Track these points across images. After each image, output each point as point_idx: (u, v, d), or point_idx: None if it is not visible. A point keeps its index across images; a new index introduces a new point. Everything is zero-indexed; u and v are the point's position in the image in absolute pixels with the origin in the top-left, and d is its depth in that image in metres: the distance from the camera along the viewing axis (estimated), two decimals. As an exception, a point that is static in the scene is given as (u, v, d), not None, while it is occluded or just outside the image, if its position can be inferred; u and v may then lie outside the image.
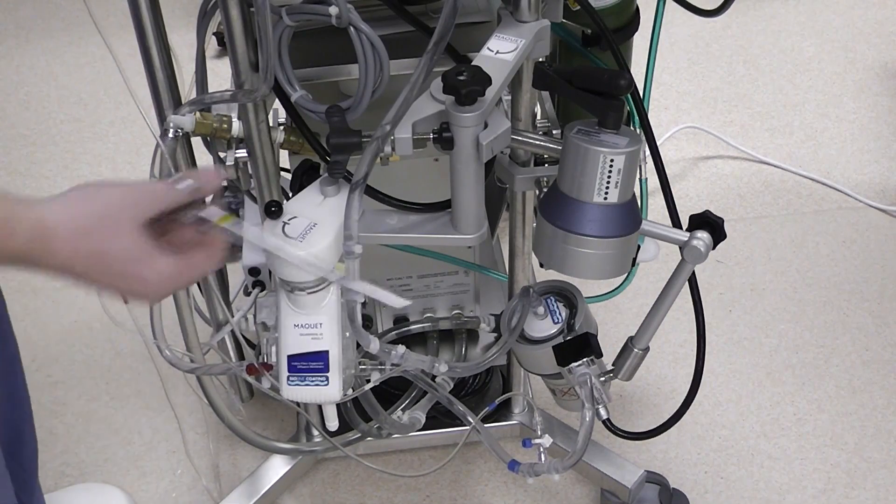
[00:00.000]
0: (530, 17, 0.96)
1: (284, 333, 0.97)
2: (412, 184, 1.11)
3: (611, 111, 0.89)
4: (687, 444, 1.55)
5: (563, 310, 1.10)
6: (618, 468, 1.42)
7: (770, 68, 2.34)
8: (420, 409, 1.32)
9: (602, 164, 0.88)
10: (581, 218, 0.91)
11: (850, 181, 2.02)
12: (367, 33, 0.93)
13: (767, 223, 1.93)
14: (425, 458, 1.54)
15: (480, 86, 0.87)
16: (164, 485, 1.52)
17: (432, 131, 0.91)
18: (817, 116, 2.19)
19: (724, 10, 1.13)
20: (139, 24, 1.01)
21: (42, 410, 1.63)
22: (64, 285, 1.90)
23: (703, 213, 0.97)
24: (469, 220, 0.97)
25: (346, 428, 1.27)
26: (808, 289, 1.79)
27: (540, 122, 1.16)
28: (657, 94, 2.23)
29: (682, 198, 1.98)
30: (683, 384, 1.13)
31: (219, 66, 2.21)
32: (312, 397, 0.98)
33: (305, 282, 0.94)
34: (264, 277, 1.31)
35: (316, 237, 0.92)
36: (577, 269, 0.94)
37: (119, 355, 1.71)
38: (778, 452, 1.54)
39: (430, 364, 1.00)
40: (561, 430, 1.46)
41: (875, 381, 1.64)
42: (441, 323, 1.37)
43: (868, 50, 2.38)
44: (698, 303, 1.08)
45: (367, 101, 0.97)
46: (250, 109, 1.03)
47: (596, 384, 1.06)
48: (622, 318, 1.70)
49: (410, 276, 1.32)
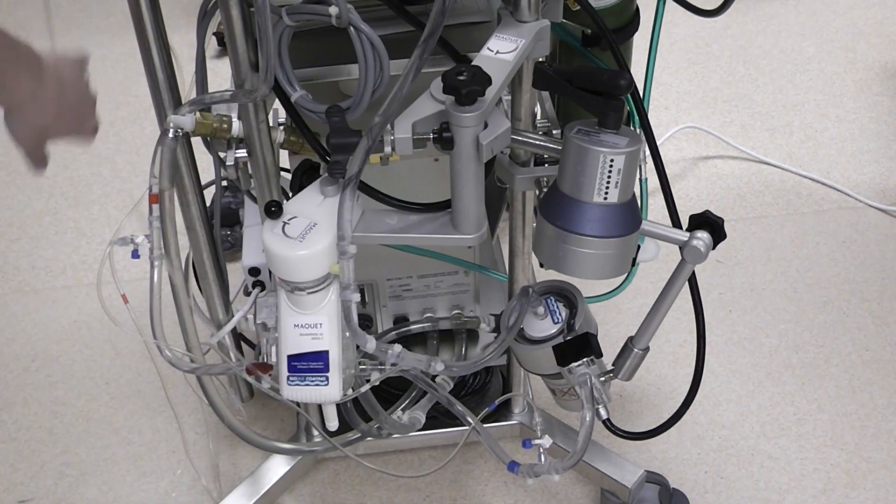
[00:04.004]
0: (530, 17, 0.96)
1: (284, 333, 0.97)
2: (412, 184, 1.11)
3: (611, 111, 0.89)
4: (687, 444, 1.55)
5: (563, 310, 1.10)
6: (618, 468, 1.42)
7: (770, 68, 2.34)
8: (420, 409, 1.32)
9: (602, 164, 0.88)
10: (581, 218, 0.91)
11: (850, 181, 2.02)
12: (367, 33, 0.93)
13: (767, 223, 1.93)
14: (425, 458, 1.54)
15: (480, 86, 0.87)
16: (164, 485, 1.52)
17: (432, 131, 0.91)
18: (817, 116, 2.19)
19: (724, 10, 1.13)
20: (139, 24, 1.01)
21: (42, 410, 1.63)
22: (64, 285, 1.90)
23: (703, 213, 0.97)
24: (469, 220, 0.97)
25: (347, 428, 1.27)
26: (808, 289, 1.79)
27: (540, 122, 1.16)
28: (657, 94, 2.23)
29: (682, 198, 1.98)
30: (683, 384, 1.13)
31: (219, 66, 2.21)
32: (312, 397, 0.99)
33: (306, 282, 0.94)
34: (264, 277, 1.31)
35: (316, 237, 0.92)
36: (577, 269, 0.94)
37: (119, 355, 1.71)
38: (778, 452, 1.54)
39: (427, 363, 1.00)
40: (561, 430, 1.46)
41: (875, 381, 1.64)
42: (441, 323, 1.37)
43: (868, 50, 2.38)
44: (698, 303, 1.08)
45: (367, 101, 0.97)
46: (250, 109, 1.03)
47: (596, 384, 1.06)
48: (622, 318, 1.70)
49: (410, 276, 1.32)
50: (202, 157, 1.18)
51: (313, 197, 0.97)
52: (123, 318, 1.09)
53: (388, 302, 1.35)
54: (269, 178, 1.09)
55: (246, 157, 1.08)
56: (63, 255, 1.91)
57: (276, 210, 0.93)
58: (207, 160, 1.20)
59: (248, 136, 1.06)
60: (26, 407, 1.64)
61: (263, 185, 1.10)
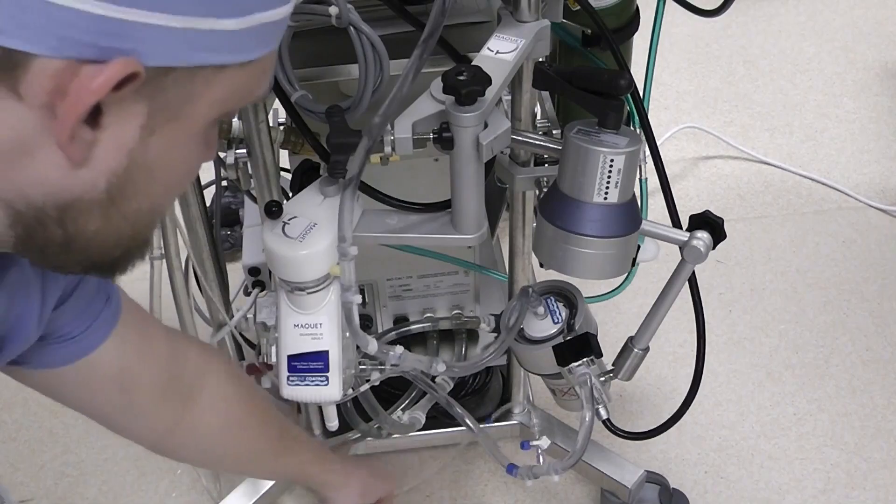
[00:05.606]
0: (530, 17, 0.96)
1: (284, 333, 0.97)
2: (412, 184, 1.11)
3: (611, 111, 0.89)
4: (687, 444, 1.55)
5: (563, 310, 1.10)
6: (618, 468, 1.42)
7: (770, 68, 2.34)
8: (420, 409, 1.32)
9: (602, 164, 0.88)
10: (581, 218, 0.91)
11: (850, 181, 2.02)
12: (367, 33, 0.93)
13: (767, 223, 1.93)
14: (425, 459, 1.54)
15: (480, 86, 0.87)
16: (165, 485, 1.52)
17: (432, 131, 0.90)
18: (817, 116, 2.19)
19: (724, 10, 1.12)
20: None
21: (42, 410, 1.63)
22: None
23: (703, 213, 0.97)
24: (469, 220, 0.97)
25: (347, 428, 1.27)
26: (808, 289, 1.79)
27: (540, 122, 1.16)
28: (657, 94, 2.23)
29: (682, 198, 1.98)
30: (683, 384, 1.13)
31: (219, 66, 2.21)
32: (312, 397, 0.98)
33: (306, 282, 0.94)
34: (264, 277, 1.31)
35: (316, 237, 0.92)
36: (577, 269, 0.94)
37: (119, 355, 1.70)
38: (778, 452, 1.54)
39: (428, 364, 1.00)
40: (561, 430, 1.46)
41: (875, 381, 1.64)
42: (441, 323, 1.37)
43: (868, 50, 2.38)
44: (698, 303, 1.08)
45: (367, 101, 0.97)
46: (250, 109, 1.03)
47: (596, 384, 1.05)
48: (622, 318, 1.70)
49: (410, 276, 1.32)
50: (202, 157, 1.18)
51: (313, 197, 0.96)
52: (123, 318, 1.09)
53: (388, 302, 1.35)
54: (269, 178, 1.09)
55: (246, 157, 1.08)
56: (63, 255, 1.91)
57: (276, 210, 0.93)
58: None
59: (248, 136, 1.06)
60: (26, 407, 1.64)
61: (263, 185, 1.10)
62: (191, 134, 0.60)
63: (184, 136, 0.59)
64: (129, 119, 0.55)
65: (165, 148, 0.58)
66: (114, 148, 0.55)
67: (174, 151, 0.59)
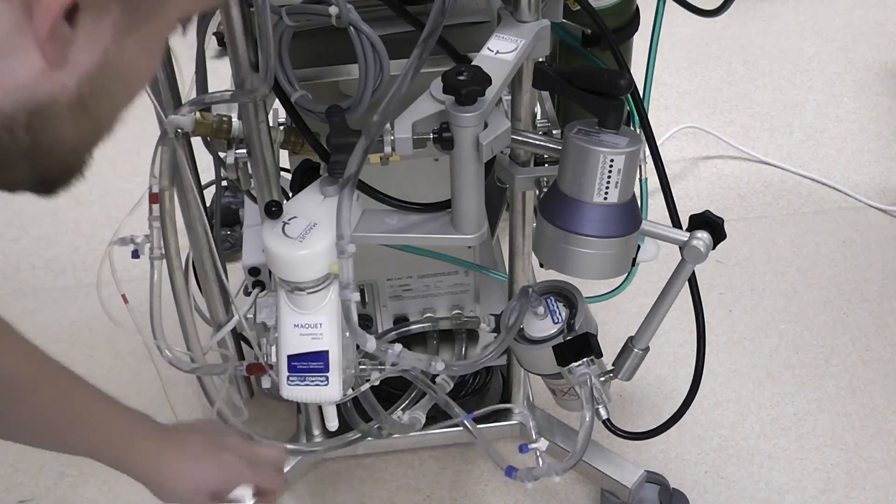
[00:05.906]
0: (530, 17, 0.96)
1: (284, 333, 0.97)
2: (412, 184, 1.11)
3: (611, 111, 0.89)
4: (687, 444, 1.55)
5: (563, 310, 1.10)
6: (618, 468, 1.42)
7: (770, 68, 2.34)
8: (420, 409, 1.32)
9: (602, 164, 0.88)
10: (581, 218, 0.91)
11: (850, 181, 2.02)
12: (367, 33, 0.93)
13: (767, 223, 1.93)
14: (425, 458, 1.54)
15: (480, 86, 0.87)
16: (164, 485, 1.52)
17: (432, 131, 0.90)
18: (817, 116, 2.19)
19: (724, 10, 1.12)
20: (139, 24, 1.01)
21: (42, 410, 1.63)
22: (64, 285, 1.89)
23: (703, 213, 0.97)
24: (469, 220, 0.97)
25: (347, 428, 1.27)
26: (808, 289, 1.79)
27: (540, 122, 1.16)
28: (657, 94, 2.23)
29: (682, 198, 1.98)
30: (683, 384, 1.13)
31: (219, 66, 2.20)
32: (312, 397, 0.98)
33: (306, 282, 0.94)
34: (264, 277, 1.31)
35: (316, 237, 0.92)
36: (577, 269, 0.94)
37: (119, 355, 1.70)
38: (778, 452, 1.54)
39: (427, 362, 1.00)
40: (561, 431, 1.46)
41: (875, 381, 1.64)
42: (441, 323, 1.37)
43: (868, 50, 2.38)
44: (698, 303, 1.08)
45: (367, 101, 0.97)
46: (250, 109, 1.03)
47: (596, 384, 1.05)
48: (622, 318, 1.70)
49: (410, 276, 1.32)
50: (202, 157, 1.18)
51: (313, 197, 0.97)
52: (123, 318, 1.09)
53: (388, 302, 1.35)
54: (269, 178, 1.09)
55: (246, 156, 1.08)
56: (63, 255, 1.91)
57: (276, 210, 0.93)
58: (207, 160, 1.20)
59: (248, 136, 1.06)
60: (26, 407, 1.64)
61: (263, 185, 1.10)
62: (161, 37, 0.60)
63: (155, 38, 0.59)
64: (105, 18, 0.55)
65: (137, 50, 0.58)
66: (89, 48, 0.55)
67: (143, 55, 0.59)
